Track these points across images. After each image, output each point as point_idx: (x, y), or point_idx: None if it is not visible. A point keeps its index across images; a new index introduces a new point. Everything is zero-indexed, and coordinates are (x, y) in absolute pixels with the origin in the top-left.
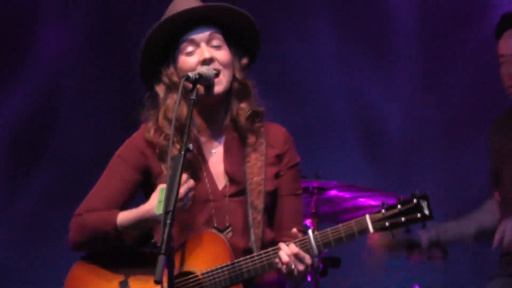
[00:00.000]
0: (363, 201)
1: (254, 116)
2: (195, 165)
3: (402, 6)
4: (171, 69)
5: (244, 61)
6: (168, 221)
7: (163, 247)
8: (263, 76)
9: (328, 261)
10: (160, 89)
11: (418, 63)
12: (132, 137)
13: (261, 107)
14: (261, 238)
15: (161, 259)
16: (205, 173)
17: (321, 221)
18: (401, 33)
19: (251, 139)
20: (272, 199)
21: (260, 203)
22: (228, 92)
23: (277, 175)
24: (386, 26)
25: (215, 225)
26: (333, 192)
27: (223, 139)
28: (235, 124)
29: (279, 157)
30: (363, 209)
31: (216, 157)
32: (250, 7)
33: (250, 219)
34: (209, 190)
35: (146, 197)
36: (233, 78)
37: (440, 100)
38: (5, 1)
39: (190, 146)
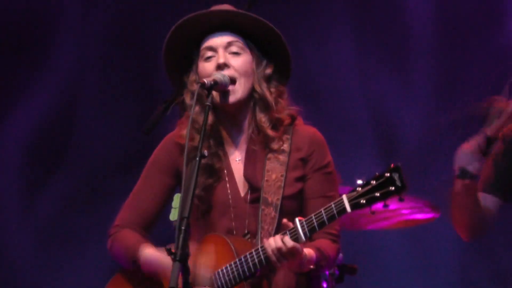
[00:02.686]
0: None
1: (279, 123)
2: (219, 171)
3: (420, 12)
4: (193, 76)
5: (268, 70)
6: (183, 227)
7: (178, 253)
8: None
9: (344, 268)
10: (186, 96)
11: (435, 69)
12: (164, 140)
13: (288, 114)
14: (273, 236)
15: (176, 265)
16: (227, 179)
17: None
18: (418, 38)
19: (274, 145)
20: (297, 203)
21: (275, 199)
22: (249, 100)
23: (300, 179)
24: (403, 31)
25: (234, 231)
26: None
27: (247, 145)
28: (259, 132)
29: (303, 161)
30: (378, 213)
31: (240, 164)
32: (268, 12)
33: (260, 214)
34: (230, 196)
35: None
36: (253, 88)
37: (456, 103)
38: (25, 5)
39: (205, 152)
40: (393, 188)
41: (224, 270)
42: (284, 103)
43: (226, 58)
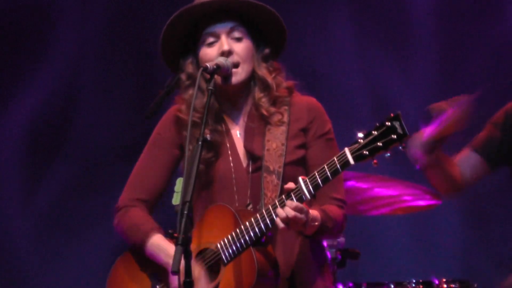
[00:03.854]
0: (379, 191)
1: (278, 99)
2: (220, 146)
3: None
4: (191, 60)
5: (266, 51)
6: (185, 212)
7: (180, 237)
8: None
9: (346, 253)
10: (182, 77)
11: (436, 56)
12: (166, 114)
13: (285, 87)
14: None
15: (178, 249)
16: (230, 153)
17: None
18: (419, 25)
19: (274, 118)
20: (299, 170)
21: (277, 167)
22: (249, 82)
23: (301, 146)
24: (404, 18)
25: (236, 202)
26: (351, 183)
27: (246, 119)
28: (257, 109)
29: (304, 131)
30: (380, 199)
31: (240, 138)
32: (269, 0)
33: (262, 181)
34: (232, 168)
35: None
36: (253, 71)
37: (457, 92)
38: None
39: (208, 136)
40: (395, 136)
41: (230, 238)
42: (282, 79)
43: (230, 45)
